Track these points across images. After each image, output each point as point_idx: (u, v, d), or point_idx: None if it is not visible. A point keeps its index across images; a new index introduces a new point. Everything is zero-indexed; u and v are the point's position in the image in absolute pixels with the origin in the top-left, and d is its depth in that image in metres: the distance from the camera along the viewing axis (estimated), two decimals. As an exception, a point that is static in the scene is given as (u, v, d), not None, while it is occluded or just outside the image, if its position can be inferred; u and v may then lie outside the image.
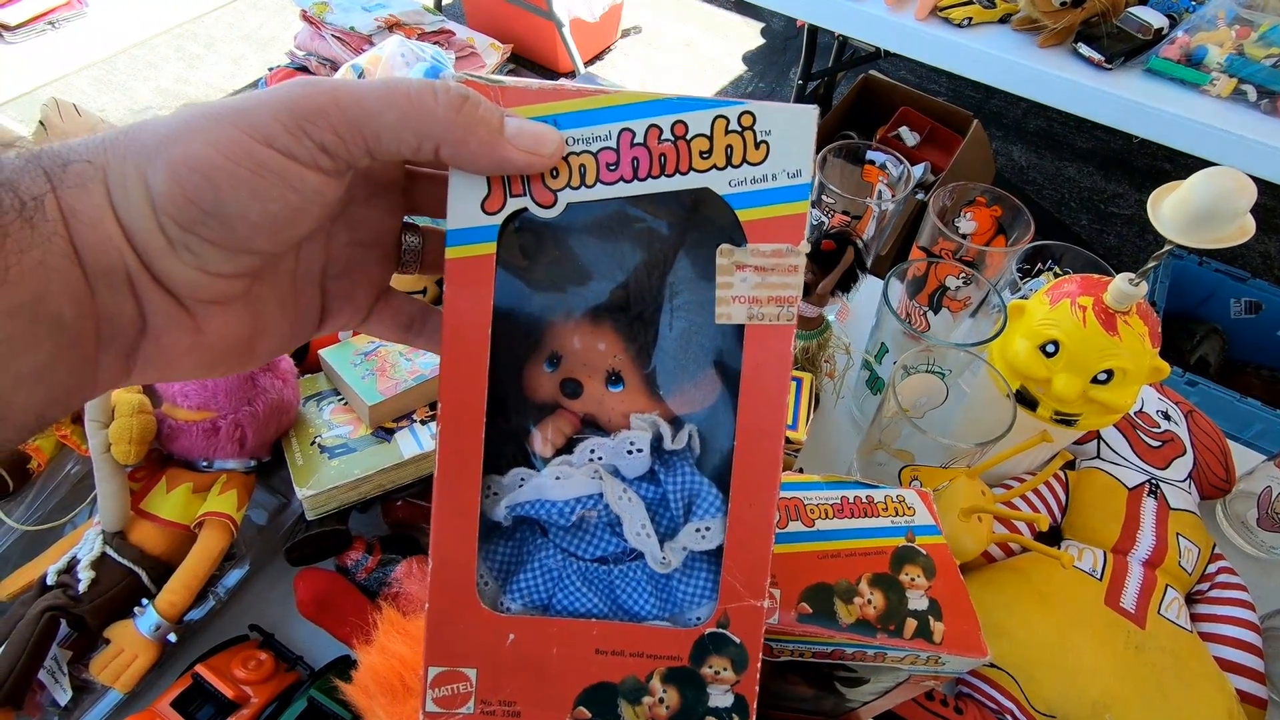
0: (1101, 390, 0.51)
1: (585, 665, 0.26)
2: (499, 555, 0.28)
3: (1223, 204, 0.41)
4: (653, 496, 0.27)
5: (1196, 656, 0.51)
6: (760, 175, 0.24)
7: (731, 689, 0.25)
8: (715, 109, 0.24)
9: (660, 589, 0.27)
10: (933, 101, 1.93)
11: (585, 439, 0.27)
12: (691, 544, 0.26)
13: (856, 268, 0.57)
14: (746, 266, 0.24)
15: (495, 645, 0.26)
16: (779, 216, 0.24)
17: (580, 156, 0.24)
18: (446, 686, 0.26)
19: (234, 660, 0.50)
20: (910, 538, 0.35)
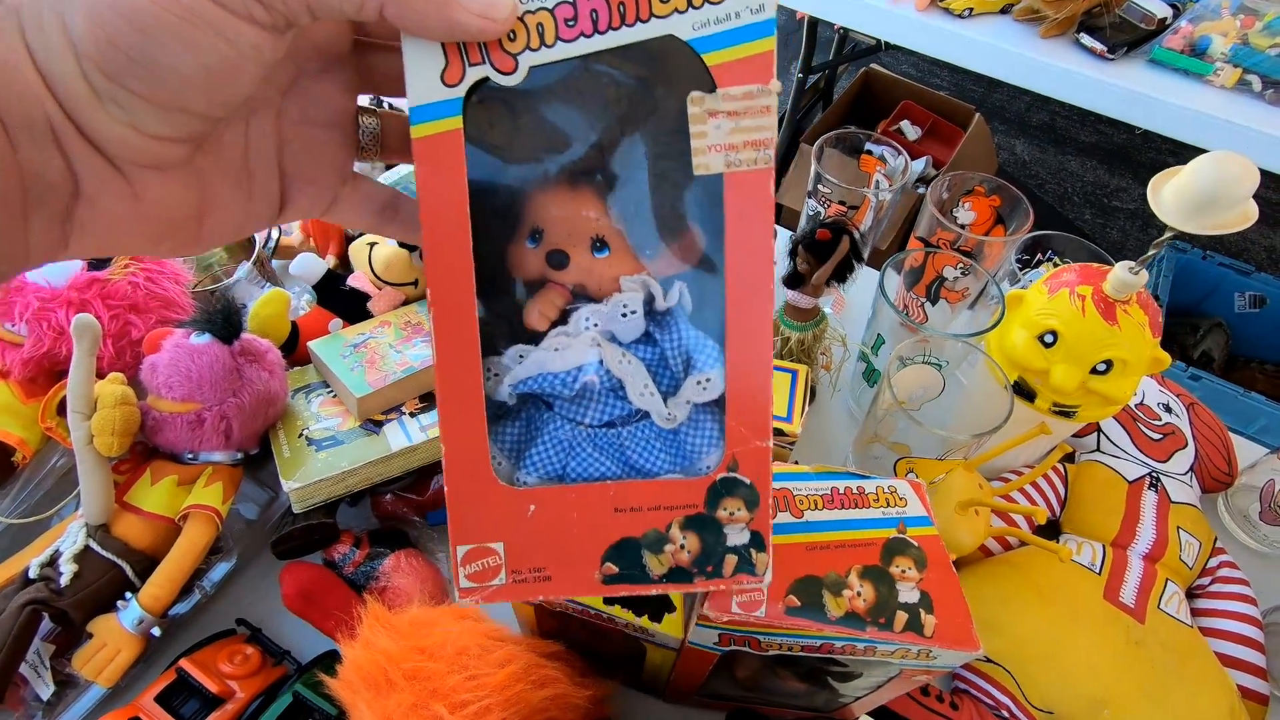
0: (1101, 381, 0.50)
1: (606, 525, 0.27)
2: (509, 436, 0.28)
3: (1225, 190, 0.40)
4: (651, 357, 0.28)
5: (1197, 652, 0.50)
6: (723, 15, 0.23)
7: (746, 526, 0.26)
8: None
9: (669, 444, 0.28)
10: (934, 95, 1.92)
11: (578, 308, 0.27)
12: (694, 397, 0.27)
13: (852, 258, 0.56)
14: (719, 113, 0.24)
15: (517, 518, 0.27)
16: (746, 57, 0.23)
17: (536, 15, 0.23)
18: (477, 563, 0.27)
19: (220, 655, 0.49)
20: (902, 529, 0.35)
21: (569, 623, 0.45)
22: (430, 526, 0.57)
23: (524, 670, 0.41)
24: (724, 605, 0.33)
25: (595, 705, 0.45)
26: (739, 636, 0.34)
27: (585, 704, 0.43)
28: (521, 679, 0.41)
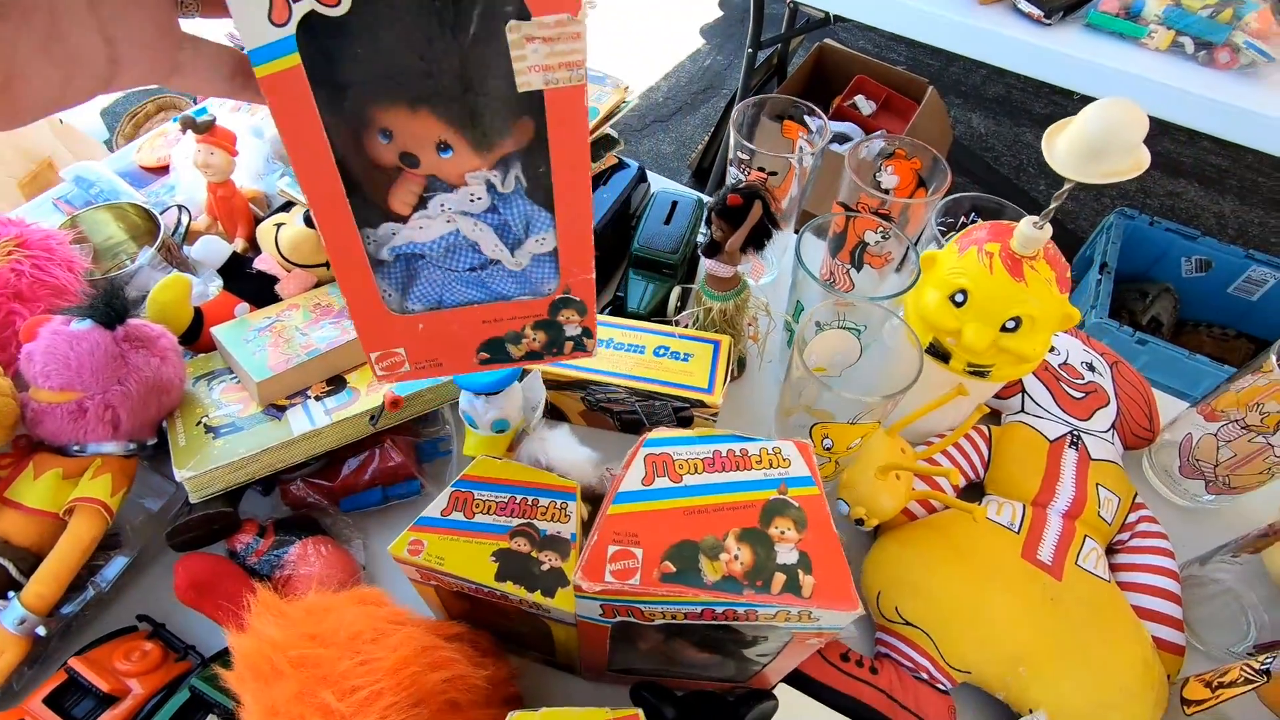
0: (1011, 339, 0.50)
1: (479, 330, 0.36)
2: (395, 274, 0.35)
3: (1115, 136, 0.39)
4: (497, 223, 0.34)
5: (1113, 606, 0.51)
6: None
7: (579, 325, 0.36)
8: None
9: (519, 278, 0.36)
10: (889, 70, 1.91)
11: (434, 195, 0.33)
12: (534, 249, 0.35)
13: (767, 222, 0.55)
14: (535, 39, 0.27)
15: (411, 330, 0.35)
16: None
17: None
18: (385, 361, 0.36)
19: (116, 652, 0.47)
20: (783, 490, 0.34)
21: (477, 605, 0.44)
22: (344, 513, 0.56)
23: (418, 653, 0.40)
24: (597, 575, 0.32)
25: (500, 685, 0.44)
26: (620, 607, 0.33)
27: (486, 684, 0.42)
28: (414, 661, 0.40)
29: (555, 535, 0.41)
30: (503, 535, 0.41)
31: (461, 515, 0.41)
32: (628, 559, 0.32)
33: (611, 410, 0.62)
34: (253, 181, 0.74)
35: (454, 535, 0.41)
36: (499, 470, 0.43)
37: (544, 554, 0.40)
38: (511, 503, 0.42)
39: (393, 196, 0.33)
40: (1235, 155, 2.16)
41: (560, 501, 0.42)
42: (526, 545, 0.41)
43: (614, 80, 0.75)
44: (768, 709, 0.40)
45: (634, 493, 0.34)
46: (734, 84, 2.25)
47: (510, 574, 0.39)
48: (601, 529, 0.33)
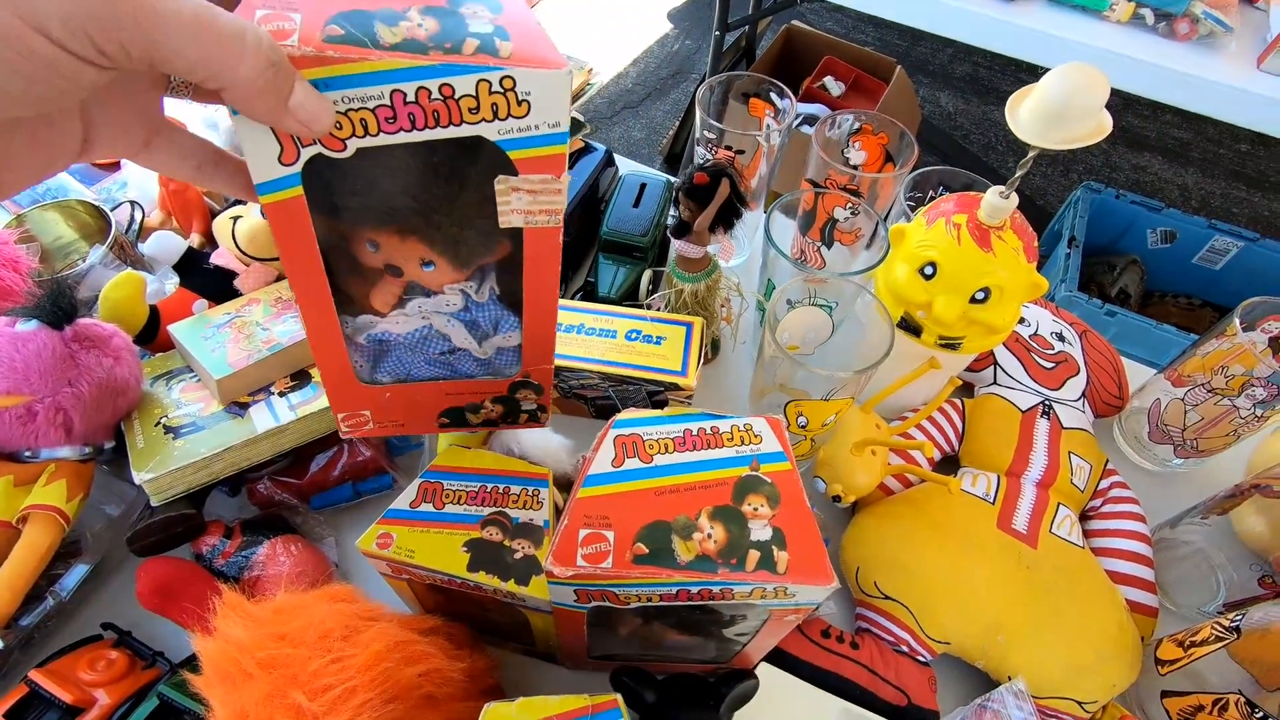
0: (981, 310, 0.50)
1: (440, 399, 0.40)
2: (368, 349, 0.38)
3: (1076, 100, 0.39)
4: (468, 320, 0.38)
5: (1087, 572, 0.51)
6: (524, 126, 0.28)
7: (535, 402, 0.41)
8: (477, 74, 0.26)
9: (483, 364, 0.39)
10: (857, 50, 1.91)
11: (413, 298, 0.37)
12: (501, 344, 0.39)
13: (734, 200, 0.54)
14: (520, 190, 0.30)
15: (378, 398, 0.39)
16: (543, 156, 0.29)
17: (359, 113, 0.27)
18: (352, 419, 0.40)
19: (79, 662, 0.46)
20: (755, 466, 0.33)
21: (452, 597, 0.43)
22: (314, 511, 0.55)
23: (391, 648, 0.39)
24: (568, 559, 0.31)
25: (478, 677, 0.43)
26: (595, 591, 0.33)
27: (463, 677, 0.41)
28: (387, 657, 0.39)
29: (528, 523, 0.40)
30: (474, 525, 0.40)
31: (431, 506, 0.41)
32: (599, 542, 0.31)
33: (585, 396, 0.61)
34: (208, 175, 0.71)
35: (424, 527, 0.40)
36: (469, 459, 0.43)
37: (517, 542, 0.40)
38: (482, 491, 0.41)
39: (374, 296, 0.36)
40: (1197, 128, 2.20)
41: (532, 489, 0.42)
42: (499, 534, 0.40)
43: (577, 62, 0.74)
44: (749, 688, 0.40)
45: (604, 475, 0.33)
46: (703, 68, 2.23)
47: (483, 564, 0.39)
48: (572, 513, 0.32)
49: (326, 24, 0.25)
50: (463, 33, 0.26)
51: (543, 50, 0.27)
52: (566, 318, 0.59)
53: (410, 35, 0.26)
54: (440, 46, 0.26)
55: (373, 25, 0.26)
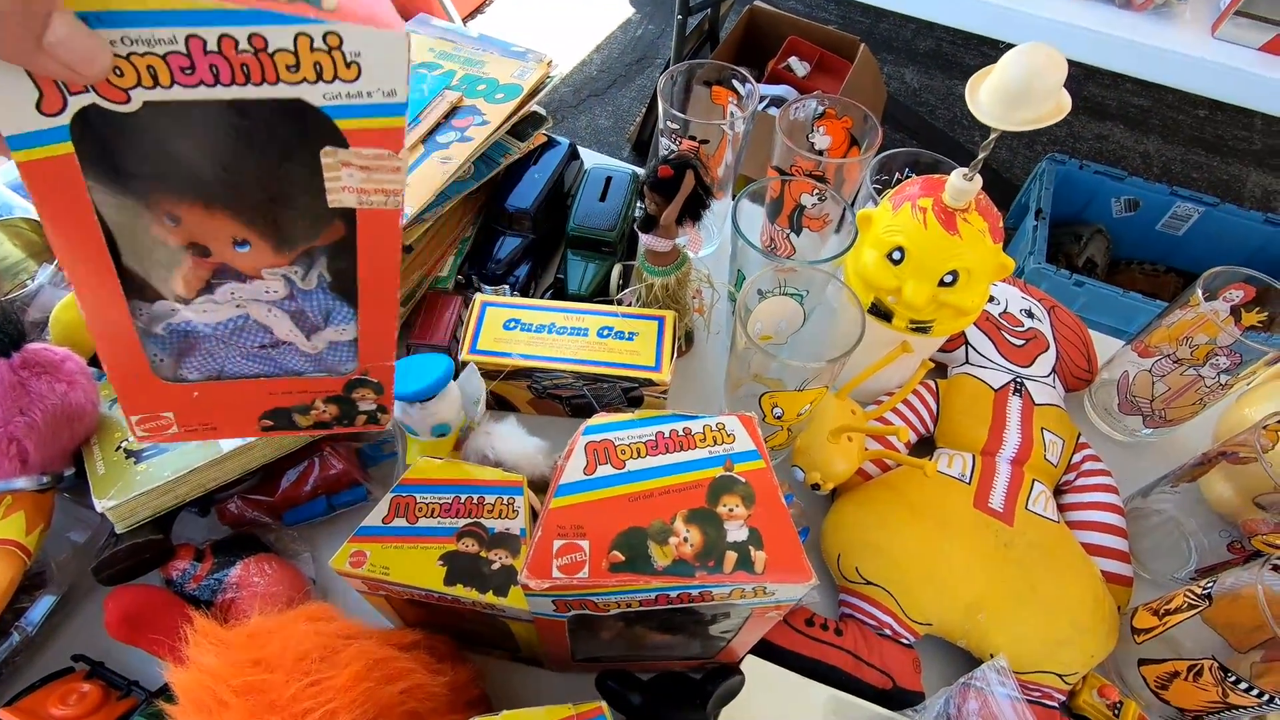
0: (949, 293, 0.50)
1: (262, 399, 0.36)
2: (169, 343, 0.33)
3: (1035, 81, 0.39)
4: (293, 309, 0.33)
5: (1063, 546, 0.52)
6: (355, 91, 0.25)
7: (374, 402, 0.38)
8: (295, 25, 0.23)
9: (313, 360, 0.35)
10: (820, 29, 1.91)
11: (224, 283, 0.31)
12: (333, 338, 0.35)
13: (700, 192, 0.54)
14: (351, 164, 0.27)
15: (183, 397, 0.34)
16: (377, 128, 0.26)
17: (146, 58, 0.22)
18: (150, 423, 0.35)
19: (50, 698, 0.45)
20: (729, 466, 0.33)
21: (433, 610, 0.43)
22: (288, 527, 0.53)
23: (370, 667, 0.39)
24: (543, 572, 0.30)
25: (462, 689, 0.43)
26: (573, 601, 0.32)
27: (446, 691, 0.41)
28: (368, 676, 0.38)
29: (504, 532, 0.39)
30: (449, 538, 0.40)
31: (404, 521, 0.40)
32: (574, 552, 0.31)
33: (560, 396, 0.60)
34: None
35: (398, 543, 0.39)
36: (440, 471, 0.42)
37: (493, 553, 0.39)
38: (456, 503, 0.41)
39: (176, 278, 0.31)
40: (1157, 95, 2.23)
41: (507, 497, 0.41)
42: (475, 545, 0.39)
43: (536, 55, 0.72)
44: (735, 684, 0.40)
45: (576, 483, 0.33)
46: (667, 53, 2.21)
47: (460, 577, 0.38)
48: (545, 524, 0.31)
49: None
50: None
51: (377, 8, 0.24)
52: (537, 317, 0.58)
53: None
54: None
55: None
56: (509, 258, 0.68)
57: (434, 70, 0.71)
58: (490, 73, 0.70)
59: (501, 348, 0.57)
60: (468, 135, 0.65)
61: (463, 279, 0.68)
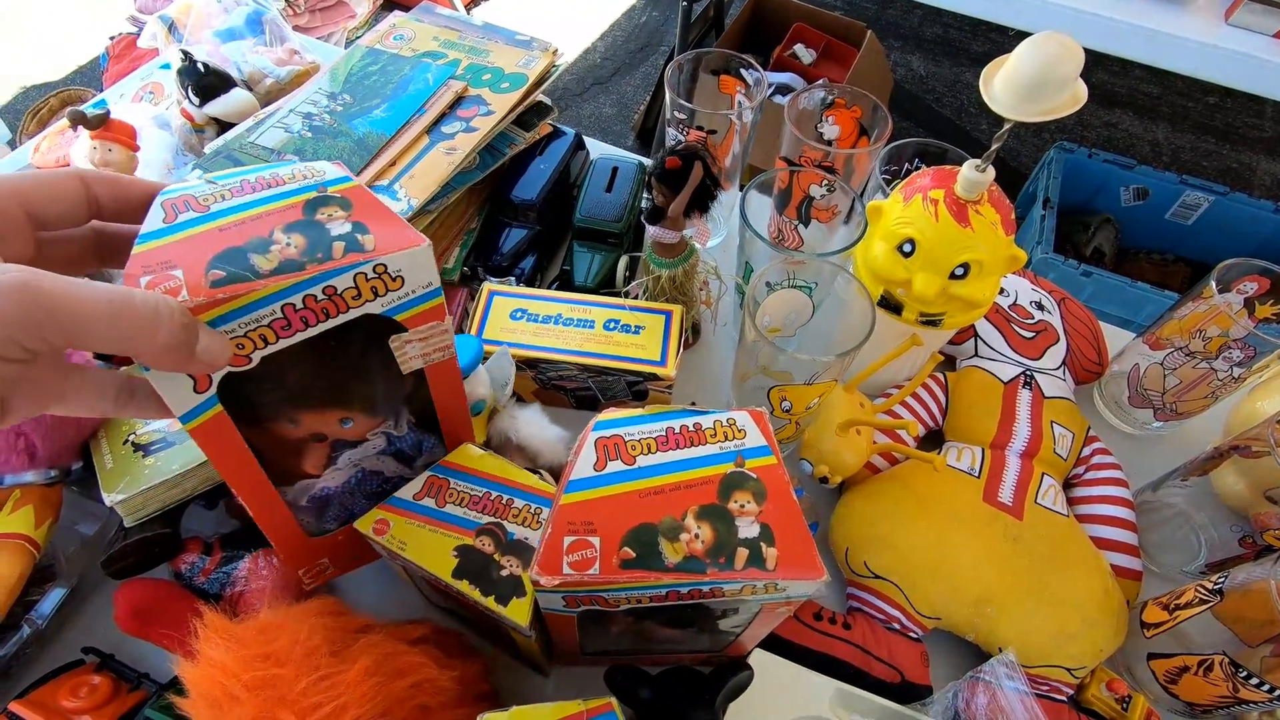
0: (960, 286, 0.49)
1: None
2: (312, 508, 0.41)
3: (1050, 71, 0.38)
4: (394, 452, 0.42)
5: (1072, 540, 0.52)
6: (402, 294, 0.33)
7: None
8: (353, 270, 0.30)
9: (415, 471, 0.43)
10: (827, 16, 1.89)
11: (341, 453, 0.40)
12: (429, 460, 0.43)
13: (708, 183, 0.53)
14: (412, 341, 0.35)
15: (331, 543, 0.43)
16: (424, 310, 0.34)
17: (257, 330, 0.30)
18: (312, 571, 0.44)
19: (61, 690, 0.45)
20: (740, 462, 0.33)
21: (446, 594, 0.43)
22: (296, 520, 0.53)
23: (379, 662, 0.39)
24: (554, 568, 0.30)
25: (470, 683, 0.43)
26: (583, 596, 0.32)
27: (455, 685, 0.41)
28: (377, 671, 0.38)
29: (522, 541, 0.39)
30: (470, 531, 0.40)
31: (433, 502, 0.40)
32: (585, 549, 0.31)
33: (565, 388, 0.60)
34: (163, 177, 0.69)
35: (421, 521, 0.39)
36: (480, 462, 0.42)
37: (507, 559, 0.39)
38: (486, 498, 0.41)
39: (305, 461, 0.39)
40: (1166, 82, 2.20)
41: (535, 506, 0.41)
42: (491, 545, 0.39)
43: (541, 44, 0.71)
44: (743, 679, 0.40)
45: (586, 479, 0.32)
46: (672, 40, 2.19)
47: (468, 573, 0.38)
48: (555, 520, 0.31)
49: (208, 270, 0.28)
50: (327, 240, 0.30)
51: (399, 231, 0.31)
52: (543, 308, 0.58)
53: (284, 257, 0.29)
54: (313, 259, 0.30)
55: (248, 259, 0.29)
56: (514, 249, 0.67)
57: (439, 60, 0.70)
58: (495, 62, 0.70)
59: (507, 337, 0.56)
60: (473, 126, 0.64)
61: (468, 271, 0.68)
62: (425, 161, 0.62)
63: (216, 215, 0.30)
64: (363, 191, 0.33)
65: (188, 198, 0.31)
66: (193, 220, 0.30)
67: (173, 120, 0.72)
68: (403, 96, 0.66)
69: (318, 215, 0.31)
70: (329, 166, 0.34)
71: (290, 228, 0.30)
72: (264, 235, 0.30)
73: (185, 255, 0.29)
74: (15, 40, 2.21)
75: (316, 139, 0.63)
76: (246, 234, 0.30)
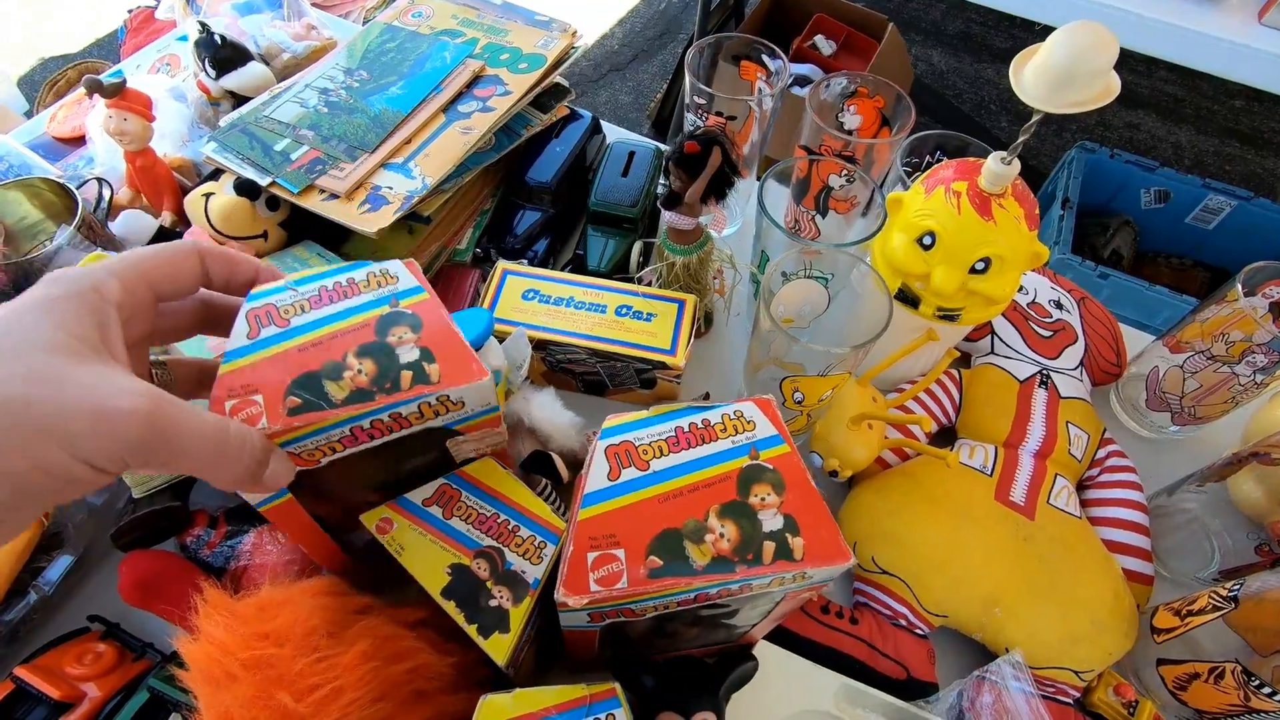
0: (980, 281, 0.48)
1: None
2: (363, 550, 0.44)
3: (1083, 62, 0.37)
4: None
5: (1084, 542, 0.51)
6: (462, 415, 0.35)
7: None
8: (418, 401, 0.33)
9: None
10: (848, 7, 1.87)
11: None
12: None
13: (726, 169, 0.52)
14: (468, 442, 0.39)
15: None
16: (482, 422, 0.37)
17: (327, 444, 0.33)
18: None
19: (66, 656, 0.45)
20: (754, 454, 0.32)
21: None
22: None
23: (378, 646, 0.38)
24: (581, 587, 0.30)
25: (470, 669, 0.42)
26: (610, 610, 0.32)
27: (452, 670, 0.40)
28: (375, 655, 0.38)
29: (518, 574, 0.38)
30: (469, 550, 0.38)
31: (440, 512, 0.39)
32: (611, 563, 0.30)
33: (573, 372, 0.60)
34: (178, 149, 0.68)
35: (424, 529, 0.38)
36: (498, 480, 0.40)
37: (499, 589, 0.37)
38: (493, 520, 0.39)
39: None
40: (1191, 84, 2.17)
41: (540, 540, 0.39)
42: (486, 571, 0.38)
43: (561, 25, 0.71)
44: (748, 670, 0.40)
45: (602, 491, 0.32)
46: (691, 28, 2.17)
47: (456, 594, 0.37)
48: (576, 537, 0.31)
49: (286, 396, 0.31)
50: (396, 368, 0.33)
51: (463, 361, 0.33)
52: (556, 290, 0.58)
53: (355, 385, 0.32)
54: (382, 388, 0.32)
55: (322, 385, 0.32)
56: (528, 232, 0.67)
57: (456, 38, 0.69)
58: (514, 42, 0.69)
59: (518, 317, 0.56)
60: (490, 105, 0.64)
61: (481, 252, 0.67)
62: (441, 140, 0.61)
63: (295, 332, 0.33)
64: (432, 305, 0.35)
65: (270, 308, 0.34)
66: (273, 338, 0.33)
67: (189, 93, 0.72)
68: (420, 74, 0.66)
69: (389, 337, 0.34)
70: (402, 270, 0.36)
71: (362, 351, 0.33)
72: (338, 359, 0.33)
73: (266, 378, 0.31)
74: (35, 12, 2.21)
75: (332, 114, 0.63)
76: (322, 357, 0.32)
